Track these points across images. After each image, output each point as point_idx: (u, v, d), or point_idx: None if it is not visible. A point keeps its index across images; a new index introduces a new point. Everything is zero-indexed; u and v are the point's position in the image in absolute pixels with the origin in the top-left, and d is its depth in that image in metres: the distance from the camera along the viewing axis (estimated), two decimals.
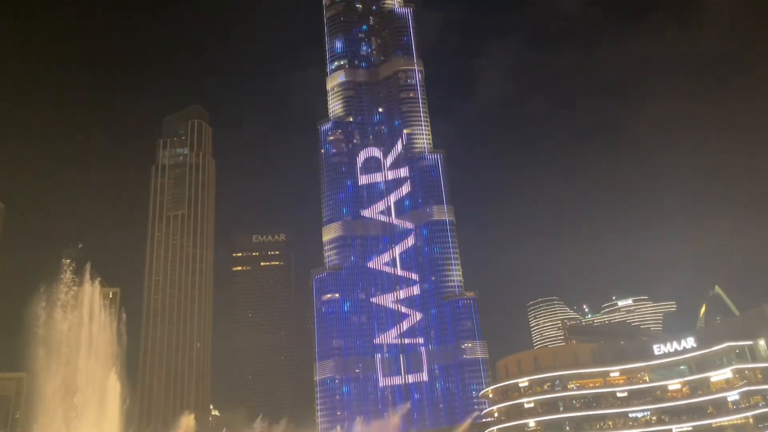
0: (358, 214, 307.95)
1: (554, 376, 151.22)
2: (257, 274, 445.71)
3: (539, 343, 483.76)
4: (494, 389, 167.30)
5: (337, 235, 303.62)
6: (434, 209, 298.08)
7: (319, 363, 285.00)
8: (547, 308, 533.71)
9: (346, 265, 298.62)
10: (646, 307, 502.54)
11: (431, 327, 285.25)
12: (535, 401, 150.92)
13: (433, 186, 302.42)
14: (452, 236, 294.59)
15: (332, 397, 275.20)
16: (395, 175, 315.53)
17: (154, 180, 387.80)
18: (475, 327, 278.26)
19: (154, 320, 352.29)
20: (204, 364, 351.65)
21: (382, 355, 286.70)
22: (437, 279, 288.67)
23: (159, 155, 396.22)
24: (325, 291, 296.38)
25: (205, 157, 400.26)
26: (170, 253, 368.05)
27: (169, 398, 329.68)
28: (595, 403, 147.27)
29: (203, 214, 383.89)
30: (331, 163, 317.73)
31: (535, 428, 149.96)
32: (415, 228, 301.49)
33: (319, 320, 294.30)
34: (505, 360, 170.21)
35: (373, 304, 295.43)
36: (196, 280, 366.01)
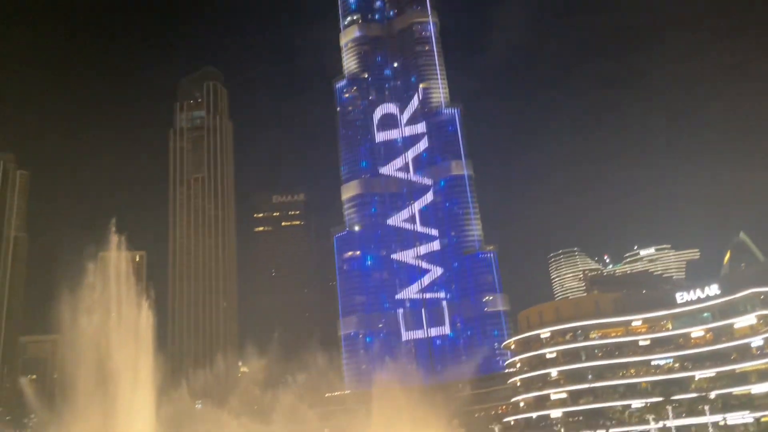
0: (376, 172, 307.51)
1: (576, 326, 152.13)
2: (278, 234, 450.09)
3: (560, 295, 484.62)
4: (516, 340, 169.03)
5: (356, 194, 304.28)
6: (452, 164, 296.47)
7: (343, 319, 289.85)
8: (568, 260, 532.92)
9: (366, 223, 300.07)
10: (668, 255, 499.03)
11: (452, 281, 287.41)
12: (557, 351, 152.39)
13: (450, 141, 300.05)
14: (471, 191, 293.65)
15: (356, 352, 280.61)
16: (412, 131, 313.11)
17: (172, 144, 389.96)
18: (496, 280, 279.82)
19: (180, 282, 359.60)
20: (231, 323, 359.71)
21: (404, 309, 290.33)
22: (457, 234, 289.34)
23: (176, 119, 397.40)
24: (345, 249, 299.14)
25: (222, 119, 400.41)
26: (192, 216, 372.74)
27: (198, 356, 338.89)
28: (617, 351, 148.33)
29: (223, 176, 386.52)
30: (348, 121, 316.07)
31: (557, 378, 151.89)
32: (433, 183, 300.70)
33: (341, 278, 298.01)
34: (527, 312, 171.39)
35: (393, 261, 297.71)
36: (219, 242, 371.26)
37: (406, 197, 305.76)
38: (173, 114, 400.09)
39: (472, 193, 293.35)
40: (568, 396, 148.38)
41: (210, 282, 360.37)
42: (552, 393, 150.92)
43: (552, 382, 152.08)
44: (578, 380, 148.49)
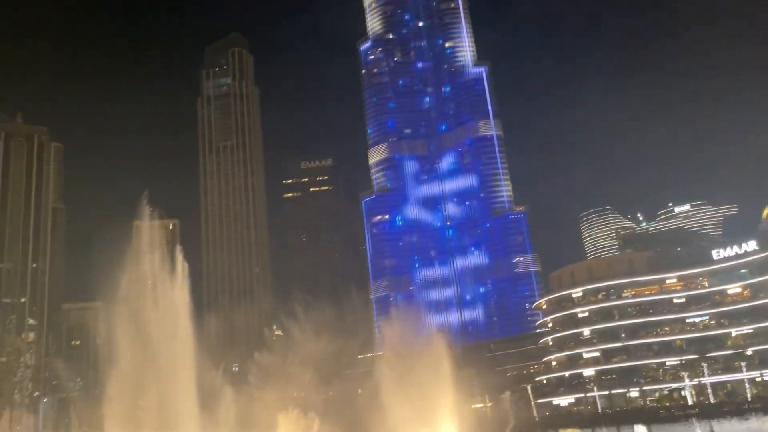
0: (403, 134, 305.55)
1: (609, 285, 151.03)
2: (307, 199, 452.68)
3: (593, 255, 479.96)
4: (547, 301, 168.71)
5: (383, 157, 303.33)
6: (480, 124, 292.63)
7: (374, 282, 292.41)
8: (601, 219, 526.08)
9: (394, 186, 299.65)
10: (704, 212, 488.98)
11: (482, 243, 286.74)
12: (589, 311, 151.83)
13: (478, 100, 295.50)
14: (500, 151, 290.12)
15: (388, 315, 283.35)
16: (439, 92, 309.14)
17: (200, 111, 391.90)
18: (527, 241, 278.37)
19: (213, 249, 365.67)
20: (264, 289, 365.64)
21: (434, 272, 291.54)
22: (486, 195, 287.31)
23: (203, 86, 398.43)
24: (374, 213, 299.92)
25: (248, 86, 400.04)
26: (223, 184, 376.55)
27: (234, 321, 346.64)
28: (651, 310, 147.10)
29: (251, 143, 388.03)
30: (373, 83, 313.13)
31: (590, 337, 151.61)
32: (461, 144, 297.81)
33: (371, 241, 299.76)
34: (559, 272, 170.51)
35: (423, 223, 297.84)
36: (250, 209, 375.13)
37: (434, 159, 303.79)
38: (200, 82, 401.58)
39: (500, 153, 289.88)
40: (601, 355, 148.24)
41: (242, 248, 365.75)
42: (584, 352, 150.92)
43: (584, 341, 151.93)
44: (611, 339, 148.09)
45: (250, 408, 57.23)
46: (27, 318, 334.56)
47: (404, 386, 52.90)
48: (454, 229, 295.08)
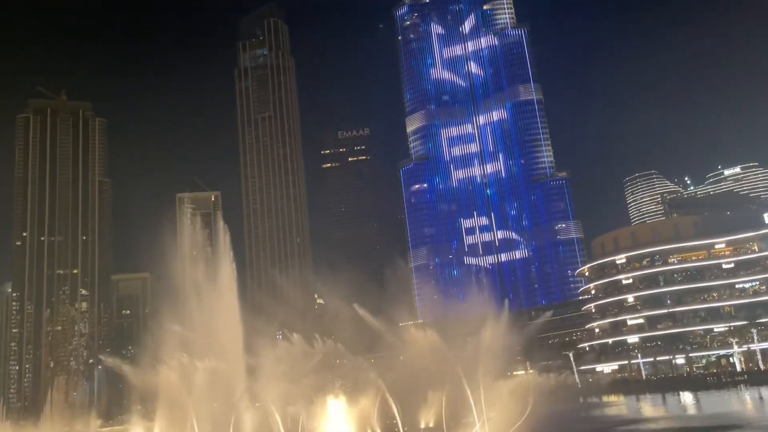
0: (440, 101, 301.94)
1: (654, 251, 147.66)
2: (346, 169, 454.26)
3: (637, 220, 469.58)
4: (590, 267, 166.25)
5: (421, 125, 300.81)
6: (520, 88, 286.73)
7: (413, 251, 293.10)
8: (646, 183, 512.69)
9: (432, 154, 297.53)
10: (755, 174, 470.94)
11: (522, 210, 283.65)
12: (633, 277, 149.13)
13: (518, 64, 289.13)
14: (541, 115, 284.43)
15: (428, 283, 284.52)
16: (478, 56, 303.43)
17: (238, 84, 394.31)
18: (569, 207, 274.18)
19: (254, 219, 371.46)
20: (305, 257, 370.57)
21: (474, 239, 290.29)
22: (527, 161, 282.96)
23: (240, 58, 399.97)
24: (412, 182, 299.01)
25: (284, 56, 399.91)
26: (262, 155, 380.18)
27: (276, 290, 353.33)
28: (698, 276, 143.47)
29: (288, 114, 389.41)
30: (410, 50, 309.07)
31: (634, 303, 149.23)
32: (501, 110, 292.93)
33: (409, 210, 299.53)
34: (601, 238, 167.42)
35: (462, 191, 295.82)
36: (289, 180, 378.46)
37: (473, 126, 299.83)
38: (236, 54, 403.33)
39: (541, 118, 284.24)
40: (646, 321, 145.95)
41: (282, 219, 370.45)
42: (628, 319, 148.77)
43: (628, 307, 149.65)
44: (656, 306, 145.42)
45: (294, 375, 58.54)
46: (79, 288, 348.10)
47: (444, 354, 53.07)
48: (494, 197, 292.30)
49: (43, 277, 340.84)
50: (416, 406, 50.37)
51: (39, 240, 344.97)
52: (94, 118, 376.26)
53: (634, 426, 65.61)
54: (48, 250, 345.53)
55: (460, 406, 47.42)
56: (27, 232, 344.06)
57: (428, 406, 49.74)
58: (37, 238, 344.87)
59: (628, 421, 72.45)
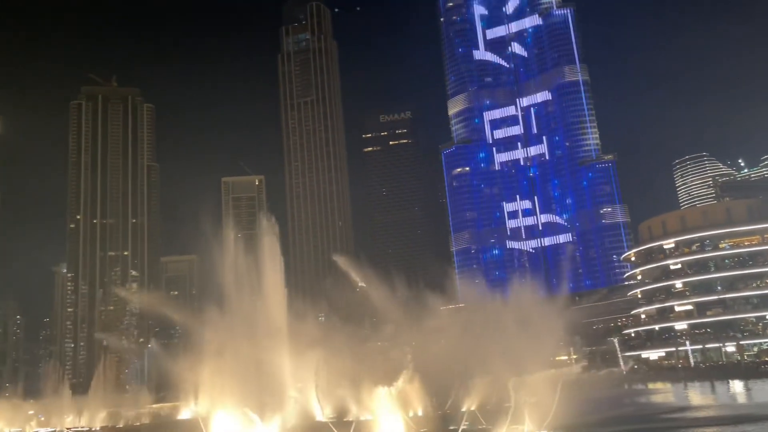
0: (483, 84, 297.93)
1: (704, 236, 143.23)
2: (387, 153, 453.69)
3: (686, 204, 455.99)
4: (636, 252, 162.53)
5: (463, 108, 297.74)
6: (565, 69, 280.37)
7: (455, 235, 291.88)
8: (696, 166, 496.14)
9: (474, 137, 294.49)
10: None
11: (567, 193, 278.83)
12: (682, 262, 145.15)
13: (563, 44, 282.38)
14: (587, 96, 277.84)
15: (470, 267, 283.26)
16: (522, 37, 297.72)
17: (281, 68, 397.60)
18: (614, 191, 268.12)
19: (297, 202, 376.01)
20: (347, 240, 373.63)
21: (517, 223, 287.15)
22: (572, 143, 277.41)
23: (283, 43, 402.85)
24: (454, 165, 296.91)
25: (327, 40, 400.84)
26: (304, 139, 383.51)
27: (318, 272, 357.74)
28: (751, 261, 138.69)
29: (331, 98, 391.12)
30: (453, 31, 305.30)
31: (682, 289, 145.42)
32: (545, 91, 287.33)
33: (451, 193, 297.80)
34: (649, 222, 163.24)
35: (504, 174, 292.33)
36: (332, 163, 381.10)
37: (517, 108, 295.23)
38: (280, 38, 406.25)
39: (587, 99, 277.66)
40: (695, 308, 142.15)
41: (324, 202, 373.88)
42: (676, 305, 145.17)
43: (676, 293, 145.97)
44: (706, 292, 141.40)
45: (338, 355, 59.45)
46: (130, 270, 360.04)
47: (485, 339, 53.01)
48: (537, 180, 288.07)
49: (96, 259, 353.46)
50: (458, 389, 50.53)
51: (92, 223, 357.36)
52: (142, 104, 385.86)
53: (680, 414, 64.39)
54: (100, 232, 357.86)
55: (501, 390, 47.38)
56: (80, 215, 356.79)
57: (470, 390, 49.84)
58: (90, 221, 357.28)
59: (675, 408, 71.12)
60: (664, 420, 59.58)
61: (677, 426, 56.28)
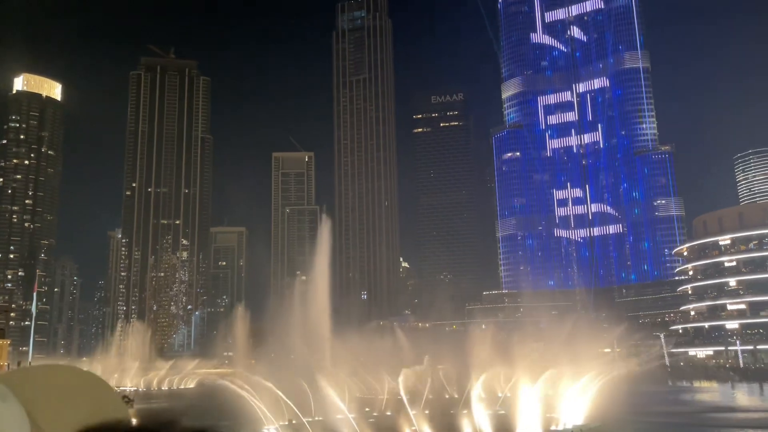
0: (539, 67, 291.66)
1: (763, 233, 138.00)
2: (437, 134, 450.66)
3: (747, 200, 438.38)
4: (689, 247, 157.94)
5: (517, 91, 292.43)
6: (626, 56, 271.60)
7: (501, 220, 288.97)
8: (760, 160, 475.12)
9: (527, 122, 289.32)
10: None
11: (620, 183, 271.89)
12: (737, 260, 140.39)
13: (625, 29, 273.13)
14: (646, 85, 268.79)
15: (515, 253, 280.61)
16: (582, 21, 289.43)
17: (335, 45, 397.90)
18: (670, 183, 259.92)
19: (345, 180, 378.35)
20: (392, 221, 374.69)
21: (566, 212, 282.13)
22: (628, 132, 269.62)
23: (338, 20, 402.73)
24: (505, 149, 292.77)
25: (382, 18, 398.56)
26: (355, 118, 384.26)
27: (363, 251, 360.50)
28: None
29: (383, 77, 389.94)
30: (511, 13, 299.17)
31: (736, 287, 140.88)
32: (603, 78, 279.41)
33: (500, 178, 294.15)
34: (704, 217, 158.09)
35: (556, 162, 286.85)
36: (381, 143, 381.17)
37: (573, 94, 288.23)
38: (335, 15, 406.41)
39: (647, 87, 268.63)
40: (748, 307, 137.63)
41: (372, 181, 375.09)
42: (728, 303, 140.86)
43: (729, 292, 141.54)
44: (761, 291, 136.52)
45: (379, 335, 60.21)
46: (180, 238, 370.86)
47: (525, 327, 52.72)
48: (590, 168, 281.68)
49: (149, 226, 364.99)
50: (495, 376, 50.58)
51: (146, 191, 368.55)
52: (198, 77, 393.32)
53: (725, 414, 62.85)
54: (154, 200, 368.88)
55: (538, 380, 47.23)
56: (136, 183, 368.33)
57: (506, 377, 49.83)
58: (145, 189, 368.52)
59: (721, 408, 69.41)
60: (707, 419, 58.30)
61: (720, 425, 55.04)
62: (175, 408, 72.15)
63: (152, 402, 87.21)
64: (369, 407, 49.32)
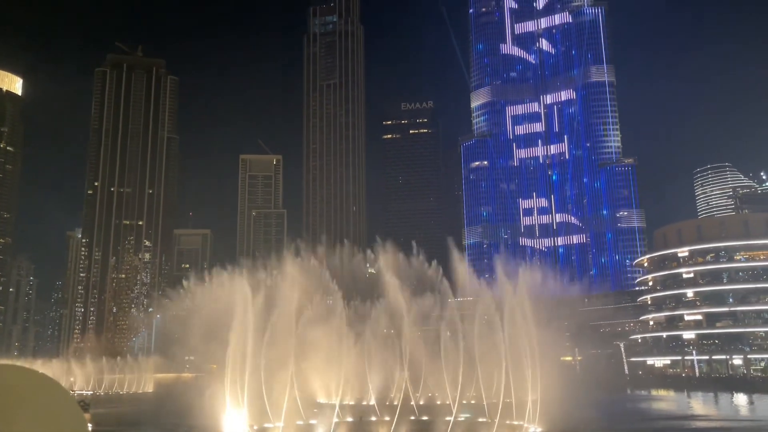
0: (507, 78, 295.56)
1: (719, 246, 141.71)
2: (406, 141, 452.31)
3: (705, 213, 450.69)
4: (650, 258, 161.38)
5: (486, 101, 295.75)
6: (592, 69, 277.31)
7: (468, 228, 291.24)
8: (717, 176, 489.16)
9: (495, 131, 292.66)
10: None
11: (583, 194, 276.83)
12: (695, 271, 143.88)
13: (592, 43, 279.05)
14: (612, 98, 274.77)
15: (481, 261, 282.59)
16: (550, 33, 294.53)
17: (306, 49, 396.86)
18: (633, 195, 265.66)
19: (313, 184, 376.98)
20: (359, 225, 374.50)
21: (531, 221, 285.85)
22: (592, 145, 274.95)
23: (310, 24, 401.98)
24: (473, 158, 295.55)
25: (354, 24, 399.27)
26: (325, 122, 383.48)
27: (329, 255, 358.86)
28: (765, 275, 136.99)
29: (354, 82, 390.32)
30: (481, 23, 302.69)
31: (693, 298, 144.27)
32: (570, 90, 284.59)
33: (467, 187, 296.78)
34: (664, 229, 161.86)
35: (522, 172, 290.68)
36: (350, 148, 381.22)
37: (540, 105, 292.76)
38: (307, 19, 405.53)
39: (612, 101, 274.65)
40: (704, 318, 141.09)
41: (341, 186, 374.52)
42: (686, 314, 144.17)
43: (687, 303, 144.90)
44: (717, 303, 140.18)
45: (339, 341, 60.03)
46: (143, 239, 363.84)
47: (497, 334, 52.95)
48: (555, 179, 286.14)
49: (111, 226, 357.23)
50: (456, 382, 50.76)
51: (109, 190, 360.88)
52: (166, 76, 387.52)
53: (680, 422, 64.20)
54: (117, 200, 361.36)
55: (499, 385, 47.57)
56: (98, 181, 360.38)
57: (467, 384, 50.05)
58: (107, 189, 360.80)
59: (676, 416, 70.90)
60: (662, 427, 59.45)
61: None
62: (131, 413, 70.43)
63: (110, 406, 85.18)
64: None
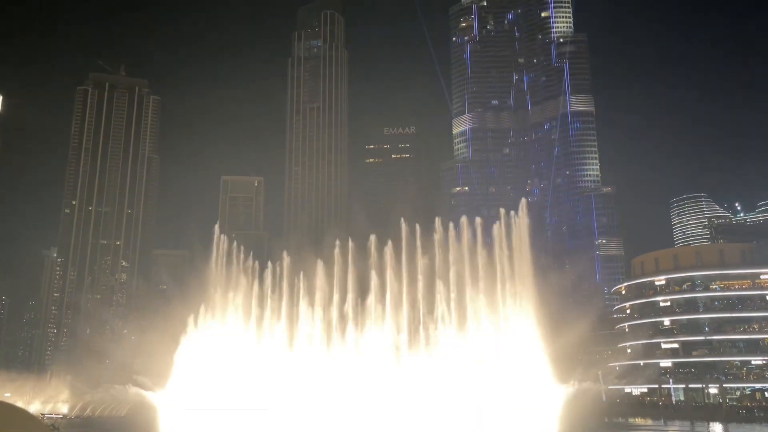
0: (489, 105, 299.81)
1: (696, 275, 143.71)
2: (388, 165, 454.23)
3: (681, 242, 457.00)
4: (627, 286, 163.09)
5: (468, 127, 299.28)
6: (572, 99, 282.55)
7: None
8: (693, 205, 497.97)
9: (476, 157, 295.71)
10: None
11: (563, 222, 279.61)
12: (672, 300, 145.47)
13: (573, 73, 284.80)
14: (591, 128, 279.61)
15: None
16: (531, 63, 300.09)
17: (290, 72, 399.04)
18: (613, 223, 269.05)
19: (295, 207, 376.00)
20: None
21: None
22: (572, 173, 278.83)
23: (294, 48, 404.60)
24: (454, 183, 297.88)
25: (338, 49, 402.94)
26: (307, 145, 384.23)
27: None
28: (740, 305, 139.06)
29: (337, 106, 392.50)
30: (463, 51, 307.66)
31: (670, 327, 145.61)
32: (550, 119, 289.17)
33: (450, 214, 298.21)
34: (642, 257, 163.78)
35: (503, 197, 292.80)
36: (332, 171, 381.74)
37: (521, 133, 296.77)
38: (291, 43, 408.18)
39: (592, 130, 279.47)
40: (681, 347, 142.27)
41: (322, 209, 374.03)
42: (663, 342, 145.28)
43: (664, 331, 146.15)
44: (693, 332, 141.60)
45: None
46: (120, 260, 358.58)
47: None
48: (536, 206, 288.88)
49: (88, 246, 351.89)
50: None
51: (87, 209, 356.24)
52: (149, 96, 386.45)
53: None
54: (94, 220, 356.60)
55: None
56: (76, 200, 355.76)
57: None
58: (85, 208, 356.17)
59: None
60: None
61: None
62: None
63: (82, 430, 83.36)
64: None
